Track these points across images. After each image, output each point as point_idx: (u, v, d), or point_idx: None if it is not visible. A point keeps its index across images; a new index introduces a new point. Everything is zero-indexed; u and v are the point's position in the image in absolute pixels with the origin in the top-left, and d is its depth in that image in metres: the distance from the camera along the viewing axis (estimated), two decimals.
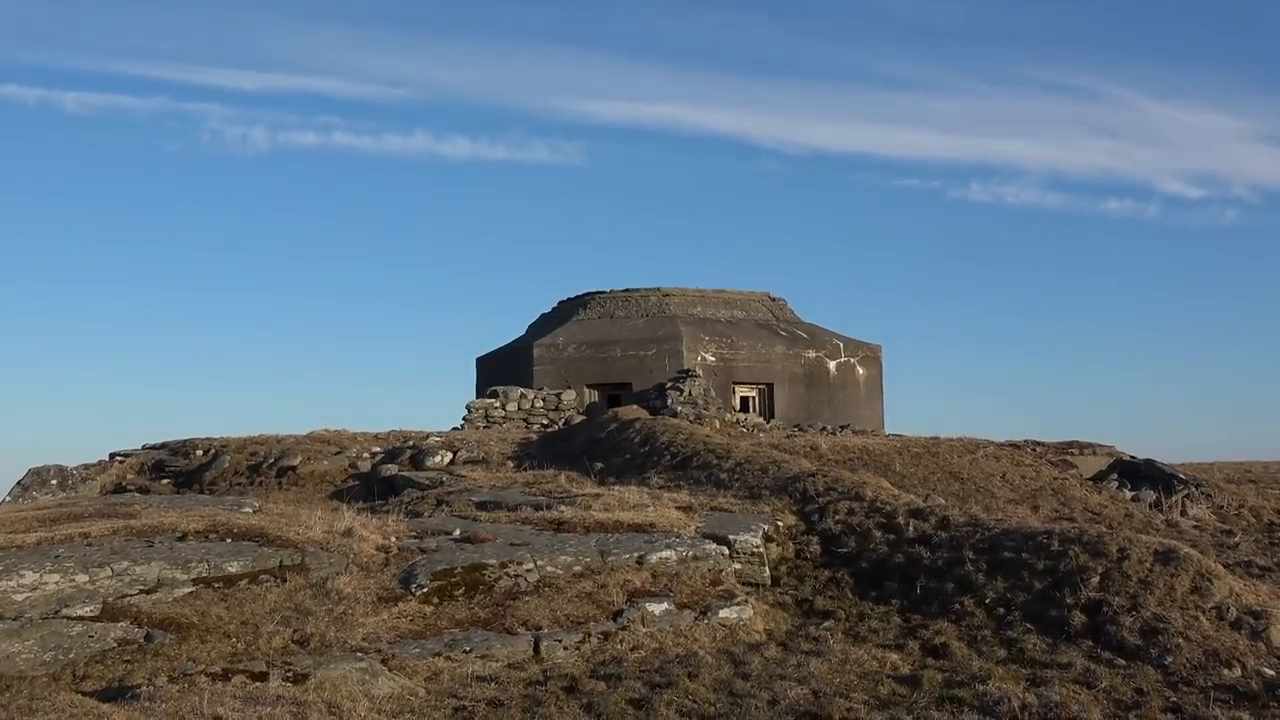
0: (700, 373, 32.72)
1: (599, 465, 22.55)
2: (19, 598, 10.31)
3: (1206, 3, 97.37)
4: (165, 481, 27.38)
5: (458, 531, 14.01)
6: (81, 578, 10.77)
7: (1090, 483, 24.45)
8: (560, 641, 10.54)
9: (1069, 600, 11.44)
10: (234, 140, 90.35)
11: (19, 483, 26.97)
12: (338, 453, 26.74)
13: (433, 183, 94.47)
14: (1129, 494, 23.79)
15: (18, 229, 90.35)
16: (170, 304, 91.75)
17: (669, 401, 30.40)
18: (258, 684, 8.51)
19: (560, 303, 39.38)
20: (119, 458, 29.79)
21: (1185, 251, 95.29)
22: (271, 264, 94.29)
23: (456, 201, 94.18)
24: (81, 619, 10.27)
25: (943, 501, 17.44)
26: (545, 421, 31.76)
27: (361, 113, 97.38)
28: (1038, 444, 27.60)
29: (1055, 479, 23.67)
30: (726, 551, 13.47)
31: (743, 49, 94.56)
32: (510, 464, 24.72)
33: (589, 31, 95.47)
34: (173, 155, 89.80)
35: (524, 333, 39.87)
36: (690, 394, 30.94)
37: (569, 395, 32.76)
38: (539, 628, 10.77)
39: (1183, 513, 22.04)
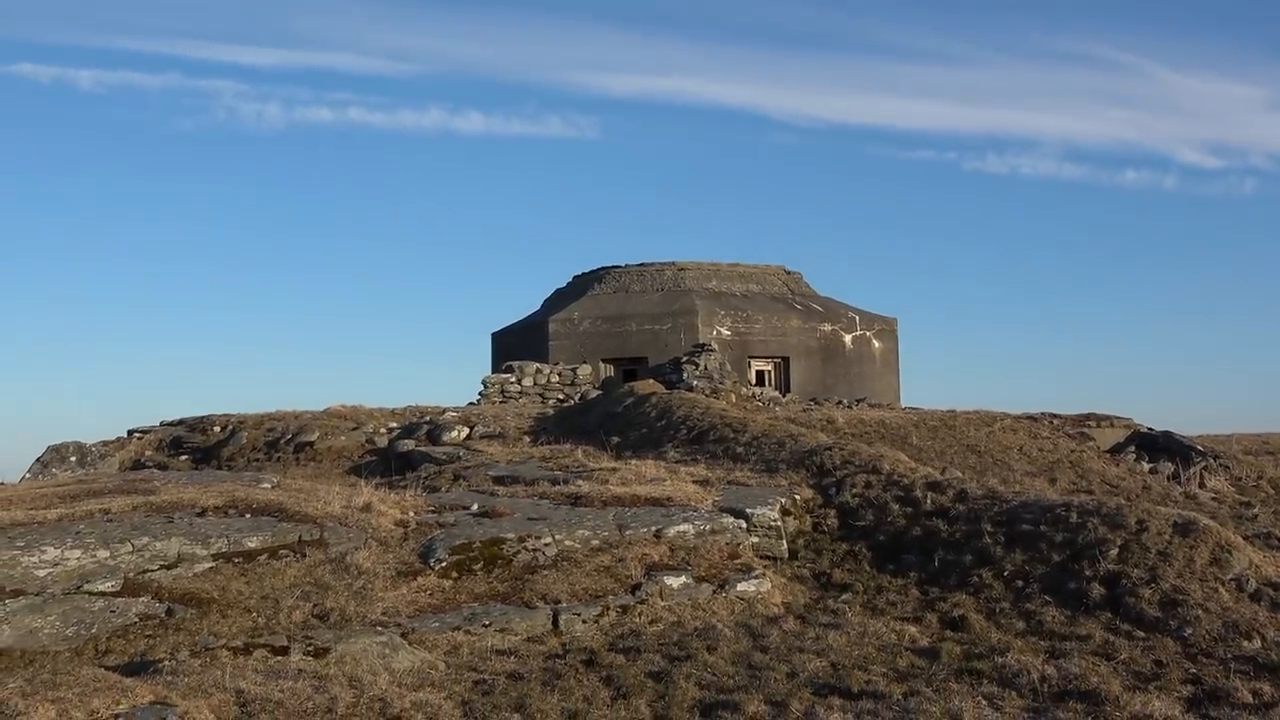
0: (716, 347, 32.69)
1: (615, 440, 22.56)
2: (41, 573, 10.38)
3: None
4: (183, 458, 27.50)
5: (475, 506, 14.04)
6: (103, 553, 10.83)
7: (1108, 455, 24.38)
8: (579, 615, 10.57)
9: (1087, 572, 11.42)
10: (248, 117, 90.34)
11: (39, 459, 27.14)
12: (355, 428, 26.82)
13: (447, 158, 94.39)
14: (1147, 466, 23.72)
15: (35, 207, 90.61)
16: (187, 281, 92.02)
17: (685, 375, 30.38)
18: (279, 658, 8.56)
19: (575, 277, 39.35)
20: (137, 434, 29.93)
21: (1203, 222, 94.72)
22: (286, 241, 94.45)
23: (471, 176, 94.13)
24: (103, 594, 10.34)
25: (960, 474, 17.41)
26: (561, 396, 31.79)
27: (376, 88, 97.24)
28: (1055, 416, 27.52)
29: (1073, 451, 23.61)
30: (744, 525, 13.48)
31: (756, 21, 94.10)
32: (527, 439, 24.76)
33: (602, 5, 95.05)
34: (187, 132, 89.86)
35: (539, 308, 39.88)
36: (706, 368, 30.92)
37: (585, 370, 32.77)
38: (557, 601, 10.80)
39: (1201, 485, 21.97)
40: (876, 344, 37.33)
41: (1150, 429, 27.10)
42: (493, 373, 33.76)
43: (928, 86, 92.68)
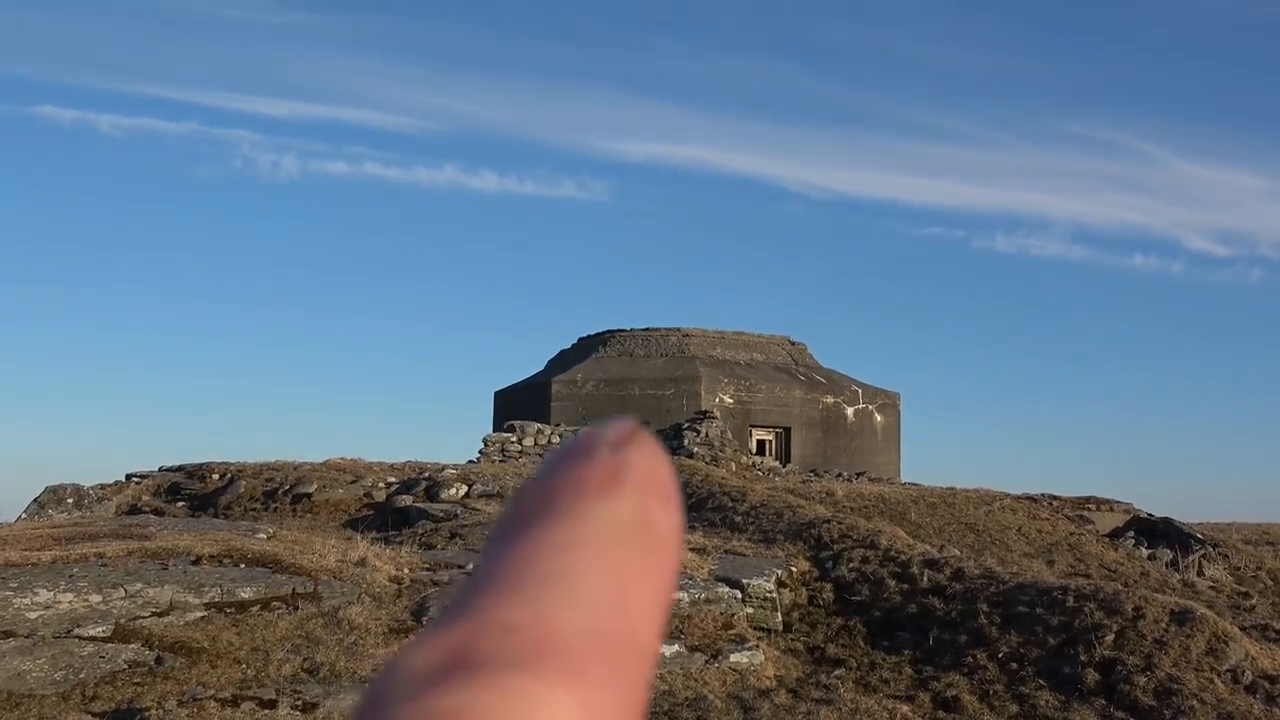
0: (718, 414, 32.69)
1: None
2: (32, 615, 10.35)
3: (1235, 61, 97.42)
4: (180, 504, 27.43)
5: (471, 565, 13.98)
6: (95, 598, 10.79)
7: (1106, 539, 24.29)
8: None
9: (1083, 657, 11.36)
10: (265, 167, 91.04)
11: (35, 500, 27.08)
12: (353, 481, 26.77)
13: (459, 215, 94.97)
14: (1145, 552, 23.62)
15: (49, 248, 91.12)
16: (192, 327, 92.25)
17: (686, 442, 30.36)
18: (267, 711, 8.51)
19: (580, 339, 39.46)
20: (135, 479, 29.87)
21: (1210, 309, 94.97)
22: (295, 291, 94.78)
23: (482, 234, 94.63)
24: (93, 639, 10.29)
25: (958, 553, 17.35)
26: None
27: (392, 144, 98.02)
28: (1054, 498, 27.46)
29: (1071, 534, 23.52)
30: (739, 595, 13.42)
31: (772, 94, 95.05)
32: None
33: (621, 71, 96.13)
34: (204, 180, 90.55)
35: (543, 368, 39.96)
36: (707, 435, 30.91)
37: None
38: None
39: (1199, 573, 21.87)
40: (878, 418, 37.33)
41: (1150, 515, 27.02)
42: (494, 431, 33.75)
43: (940, 164, 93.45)
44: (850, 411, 36.69)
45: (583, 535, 0.41)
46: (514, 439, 32.33)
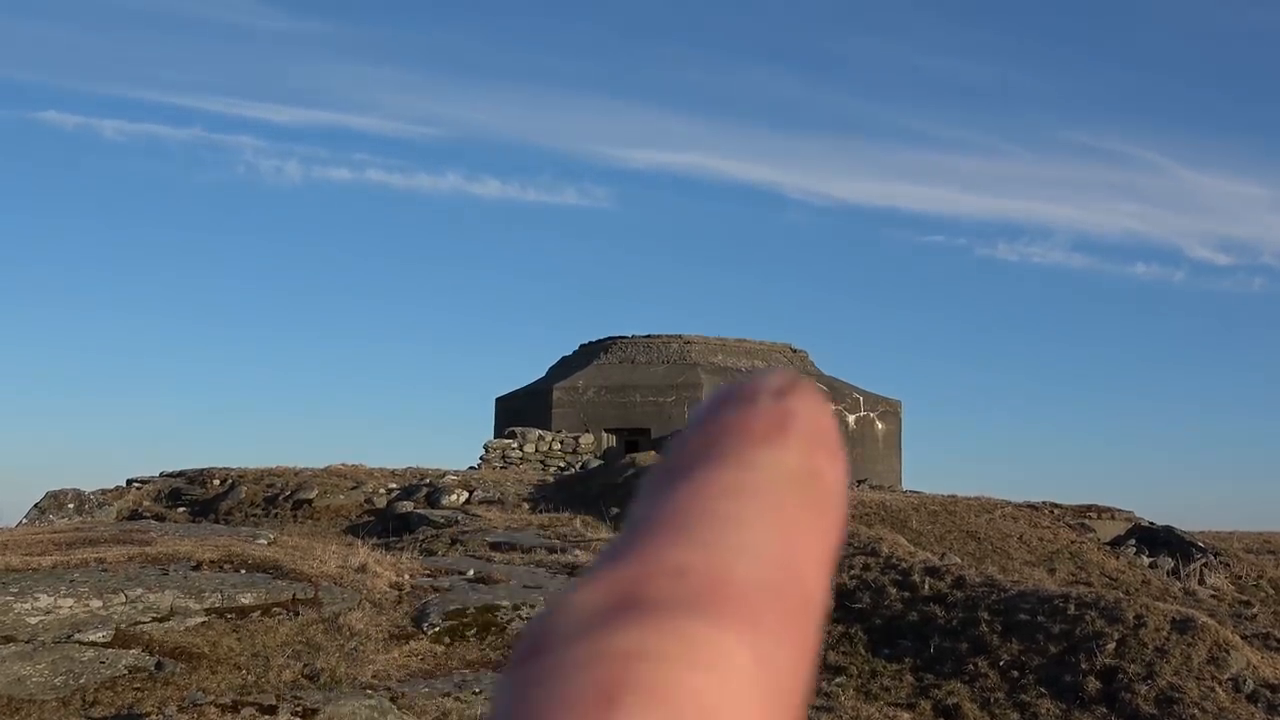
0: None
1: (615, 511, 22.49)
2: (33, 620, 10.34)
3: (1237, 70, 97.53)
4: (181, 509, 27.44)
5: (471, 571, 13.99)
6: (95, 603, 10.79)
7: (1108, 547, 24.27)
8: None
9: (1084, 666, 11.34)
10: (268, 173, 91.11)
11: (36, 505, 27.09)
12: (354, 487, 26.77)
13: (461, 222, 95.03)
14: (1146, 560, 23.60)
15: (51, 253, 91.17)
16: (194, 332, 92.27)
17: None
18: (267, 717, 8.50)
19: (581, 346, 39.47)
20: (136, 484, 29.88)
21: (1211, 317, 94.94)
22: (297, 297, 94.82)
23: (484, 241, 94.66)
24: (93, 644, 10.29)
25: (959, 560, 17.33)
26: (562, 464, 31.74)
27: (395, 150, 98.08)
28: (1055, 506, 27.43)
29: (1072, 542, 23.50)
30: None
31: (774, 101, 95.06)
32: (526, 505, 24.70)
33: (623, 79, 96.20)
34: (206, 185, 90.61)
35: (544, 374, 39.96)
36: None
37: (587, 439, 32.75)
38: None
39: (1200, 581, 21.84)
40: (880, 426, 37.32)
41: (1151, 523, 26.99)
42: (495, 438, 33.74)
43: (942, 172, 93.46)
44: (851, 419, 36.68)
45: (751, 482, 0.40)
46: (515, 445, 32.33)
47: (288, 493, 26.30)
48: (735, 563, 0.38)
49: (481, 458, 32.14)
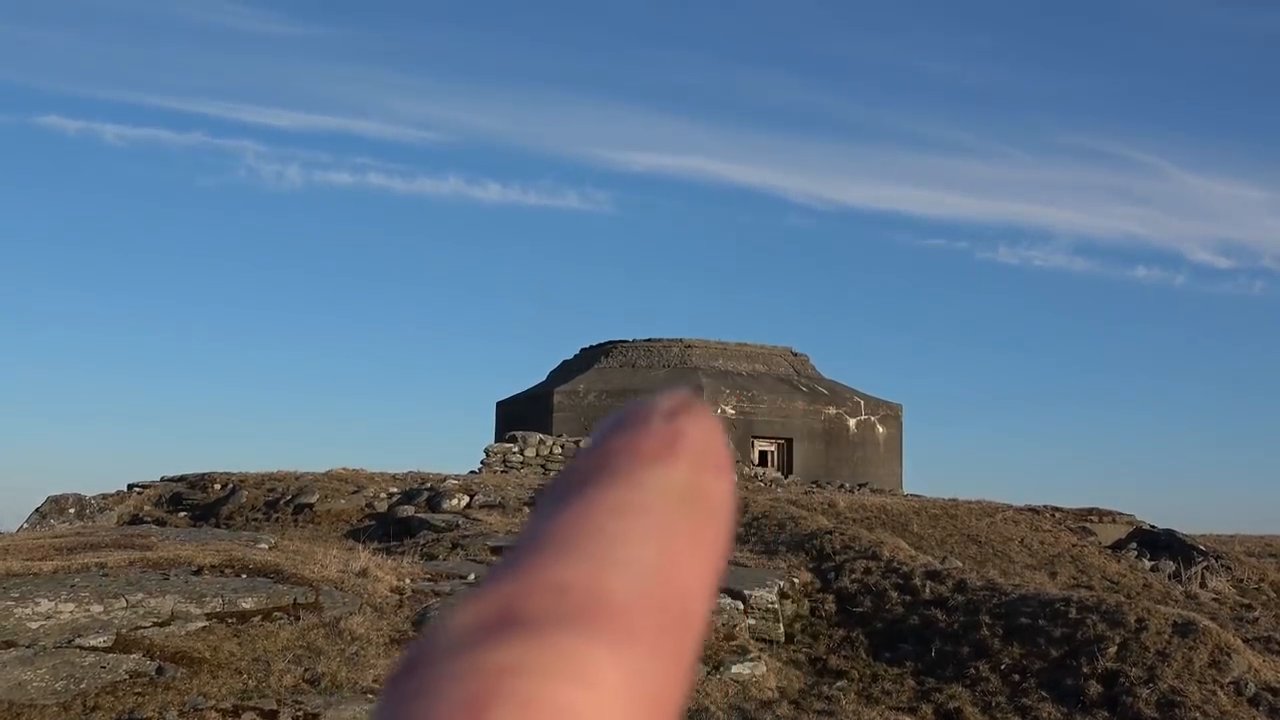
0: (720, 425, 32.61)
1: None
2: (33, 625, 10.34)
3: (1237, 73, 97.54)
4: (182, 514, 27.44)
5: (472, 576, 13.99)
6: (96, 608, 10.79)
7: (1109, 551, 24.26)
8: None
9: (1085, 669, 11.34)
10: (269, 177, 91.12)
11: (37, 510, 27.09)
12: (355, 492, 26.76)
13: (463, 226, 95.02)
14: (1148, 564, 23.59)
15: (53, 257, 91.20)
16: (195, 337, 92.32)
17: None
18: None
19: (582, 350, 39.48)
20: (137, 489, 29.88)
21: (1212, 320, 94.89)
22: (298, 301, 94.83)
23: (485, 245, 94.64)
24: (94, 649, 10.28)
25: (960, 564, 17.33)
26: (563, 469, 31.68)
27: (396, 155, 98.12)
28: (1057, 510, 27.43)
29: (1074, 546, 23.49)
30: (741, 606, 13.40)
31: (775, 105, 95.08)
32: (527, 510, 24.68)
33: (624, 83, 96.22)
34: (208, 190, 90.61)
35: (545, 379, 39.97)
36: None
37: (588, 443, 32.69)
38: None
39: (1202, 585, 21.83)
40: (881, 429, 37.31)
41: (1152, 526, 26.98)
42: (496, 442, 33.74)
43: (944, 176, 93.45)
44: (852, 423, 36.67)
45: (636, 501, 0.41)
46: (516, 449, 32.32)
47: (289, 497, 26.29)
48: (615, 579, 0.39)
49: (482, 462, 32.13)
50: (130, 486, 30.26)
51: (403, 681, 0.37)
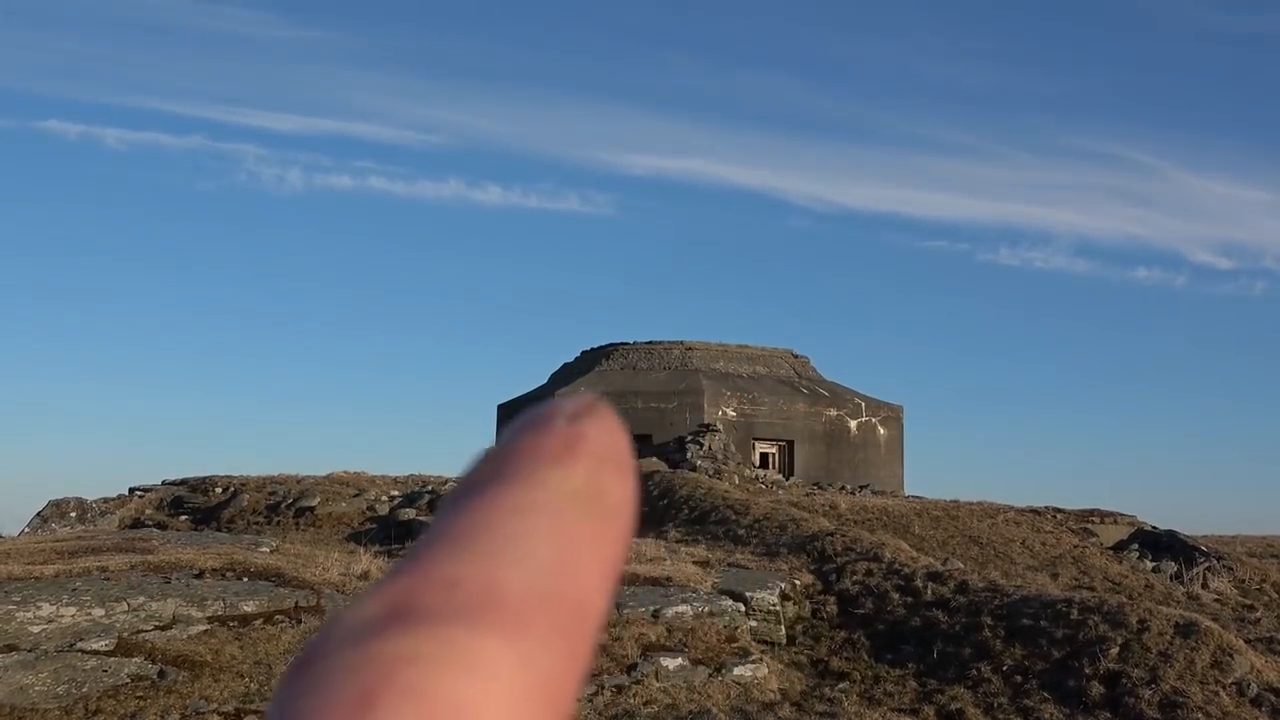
0: (721, 427, 32.67)
1: None
2: (35, 629, 10.34)
3: (1237, 75, 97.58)
4: (183, 518, 27.44)
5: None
6: (98, 612, 10.79)
7: (1110, 552, 24.24)
8: None
9: (1087, 670, 11.33)
10: (270, 181, 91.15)
11: (38, 514, 27.08)
12: (356, 495, 26.77)
13: (463, 229, 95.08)
14: (1150, 565, 23.57)
15: (55, 261, 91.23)
16: (196, 340, 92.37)
17: (689, 455, 30.34)
18: None
19: (583, 352, 39.47)
20: (138, 492, 29.89)
21: (1213, 322, 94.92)
22: (299, 304, 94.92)
23: (486, 248, 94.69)
24: (96, 653, 10.28)
25: (961, 566, 17.32)
26: None
27: (396, 158, 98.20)
28: (1058, 511, 27.42)
29: (1075, 547, 23.48)
30: (743, 608, 13.40)
31: (776, 107, 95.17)
32: None
33: (624, 85, 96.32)
34: (209, 193, 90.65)
35: (546, 381, 39.97)
36: (710, 448, 30.89)
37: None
38: None
39: (1204, 585, 21.82)
40: (882, 431, 37.29)
41: (1154, 527, 26.97)
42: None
43: (944, 177, 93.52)
44: (853, 424, 36.66)
45: (535, 500, 0.42)
46: None
47: (290, 500, 26.29)
48: (508, 574, 0.40)
49: None
50: (131, 490, 30.27)
51: (296, 676, 0.38)
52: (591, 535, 0.42)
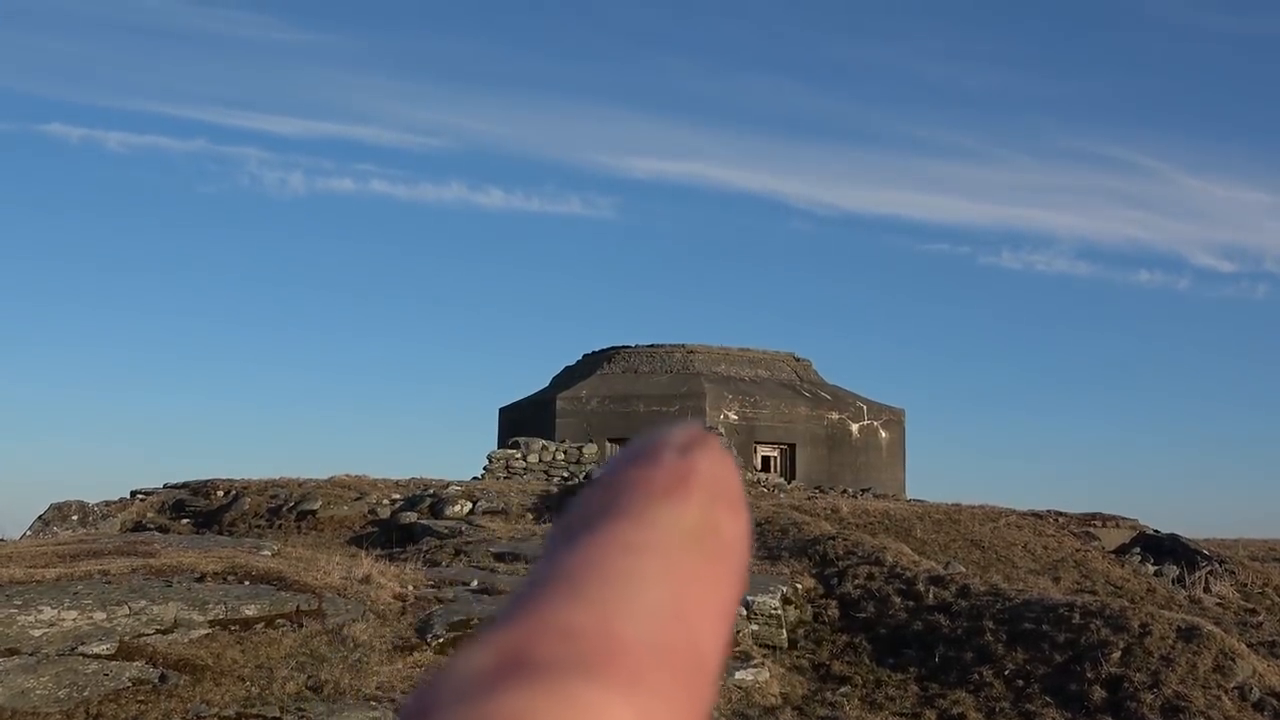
0: (722, 431, 32.66)
1: None
2: (36, 633, 10.34)
3: (1239, 77, 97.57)
4: (185, 521, 27.43)
5: (475, 582, 13.98)
6: (99, 615, 10.78)
7: (1112, 556, 24.22)
8: None
9: (1089, 675, 11.32)
10: (272, 184, 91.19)
11: (40, 517, 27.09)
12: (358, 498, 26.76)
13: (465, 232, 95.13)
14: (1152, 568, 23.55)
15: (56, 265, 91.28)
16: (197, 344, 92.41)
17: None
18: None
19: (585, 355, 39.47)
20: (140, 496, 29.88)
21: (1215, 325, 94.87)
22: (301, 308, 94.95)
23: (488, 251, 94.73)
24: (97, 657, 10.28)
25: (963, 569, 17.31)
26: (566, 474, 31.72)
27: (399, 161, 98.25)
28: (1060, 514, 27.39)
29: (1077, 550, 23.46)
30: (744, 612, 13.39)
31: (777, 110, 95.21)
32: (530, 516, 24.68)
33: (626, 89, 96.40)
34: (211, 197, 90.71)
35: (548, 384, 39.96)
36: None
37: (590, 449, 32.73)
38: None
39: (1206, 589, 21.80)
40: (883, 434, 37.28)
41: (1156, 531, 26.94)
42: (498, 448, 33.72)
43: (945, 180, 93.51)
44: (855, 428, 36.65)
45: (648, 539, 0.40)
46: (518, 455, 32.31)
47: (291, 504, 26.29)
48: (625, 622, 0.38)
49: (485, 468, 32.12)
50: (133, 493, 30.26)
51: None
52: (707, 577, 0.40)
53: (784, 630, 13.71)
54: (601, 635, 0.37)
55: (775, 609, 13.82)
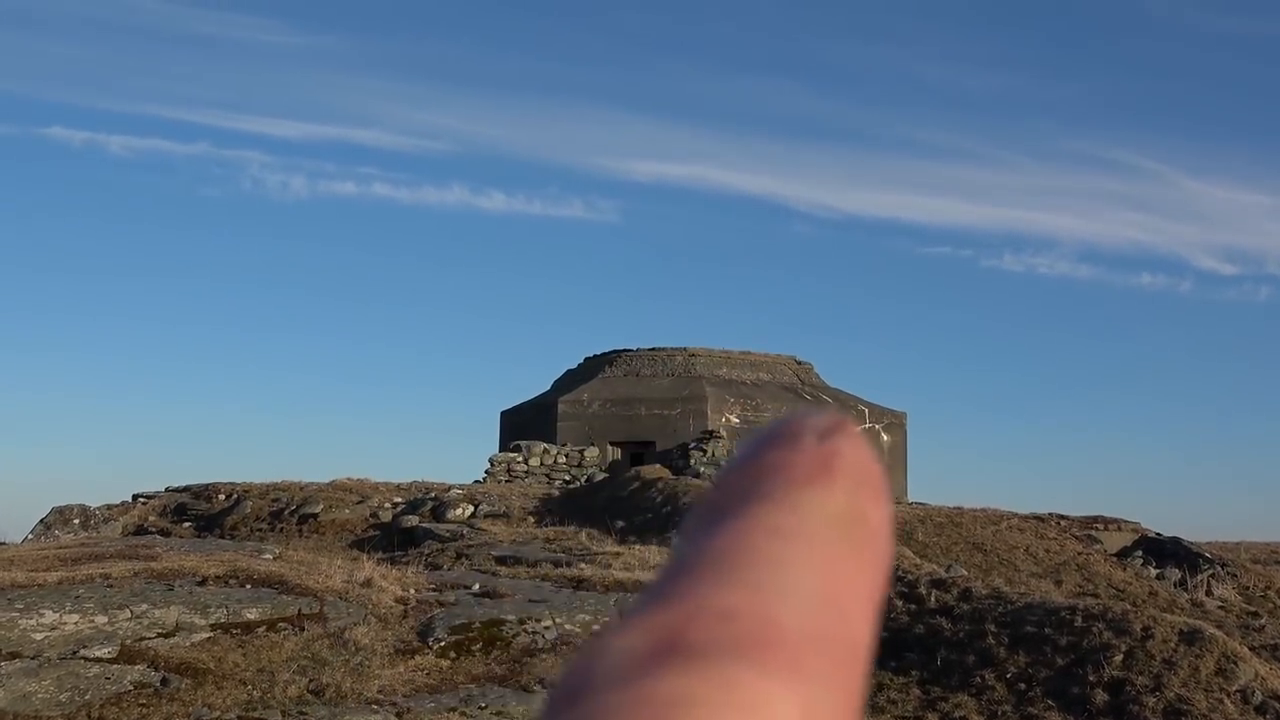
0: (724, 434, 32.66)
1: (620, 524, 22.48)
2: (38, 637, 10.34)
3: (1242, 79, 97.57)
4: (187, 524, 27.44)
5: (477, 586, 13.97)
6: (101, 619, 10.79)
7: (1114, 559, 24.22)
8: None
9: (1091, 678, 11.31)
10: (274, 187, 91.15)
11: (42, 521, 27.11)
12: (359, 502, 26.76)
13: (467, 235, 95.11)
14: (1153, 572, 23.54)
15: (57, 268, 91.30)
16: (199, 347, 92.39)
17: (692, 462, 30.34)
18: None
19: (587, 359, 39.45)
20: (142, 499, 29.88)
21: (1218, 327, 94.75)
22: (302, 311, 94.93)
23: (489, 254, 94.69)
24: (99, 660, 10.28)
25: (965, 573, 17.30)
26: (567, 478, 31.71)
27: (400, 164, 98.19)
28: (1062, 518, 27.38)
29: (1079, 554, 23.46)
30: None
31: (778, 113, 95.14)
32: (531, 519, 24.69)
33: (628, 91, 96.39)
34: (213, 200, 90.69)
35: (549, 388, 39.95)
36: (713, 455, 30.87)
37: (592, 452, 32.72)
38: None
39: (1208, 592, 21.78)
40: (885, 437, 37.26)
41: (1158, 534, 26.93)
42: (500, 451, 33.72)
43: (947, 183, 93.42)
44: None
45: (795, 524, 0.39)
46: (520, 459, 32.31)
47: (293, 507, 26.29)
48: (782, 607, 0.36)
49: (487, 471, 32.11)
50: (135, 497, 30.26)
51: (563, 713, 0.35)
52: (855, 564, 0.40)
53: None
54: (759, 619, 0.36)
55: None
